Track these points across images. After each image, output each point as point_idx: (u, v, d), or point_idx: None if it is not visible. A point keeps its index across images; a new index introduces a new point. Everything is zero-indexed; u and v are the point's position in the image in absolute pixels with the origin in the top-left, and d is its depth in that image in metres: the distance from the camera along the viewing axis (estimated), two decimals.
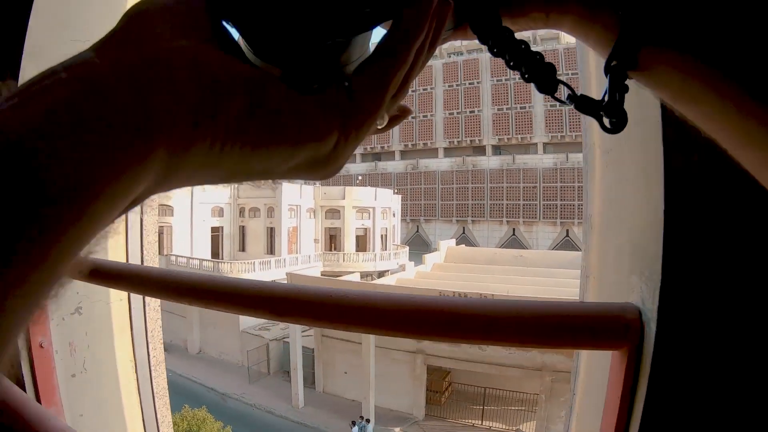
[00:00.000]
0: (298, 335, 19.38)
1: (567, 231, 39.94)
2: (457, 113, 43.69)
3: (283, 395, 19.35)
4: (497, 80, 41.30)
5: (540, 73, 0.33)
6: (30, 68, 0.96)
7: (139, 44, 0.24)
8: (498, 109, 42.12)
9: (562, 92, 0.34)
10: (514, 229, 42.13)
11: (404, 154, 47.61)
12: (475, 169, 43.22)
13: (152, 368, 1.64)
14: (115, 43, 0.24)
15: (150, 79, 0.23)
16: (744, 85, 0.28)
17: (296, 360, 19.15)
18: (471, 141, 43.40)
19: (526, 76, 0.33)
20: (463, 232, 43.03)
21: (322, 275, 18.98)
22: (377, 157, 49.67)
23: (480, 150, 43.48)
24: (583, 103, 0.33)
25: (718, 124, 0.30)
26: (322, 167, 0.29)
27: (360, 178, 47.36)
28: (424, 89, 44.30)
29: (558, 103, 0.35)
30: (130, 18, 0.25)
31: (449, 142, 44.46)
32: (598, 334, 0.53)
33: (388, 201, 33.10)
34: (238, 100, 0.25)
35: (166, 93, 0.23)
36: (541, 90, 0.34)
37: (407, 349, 17.20)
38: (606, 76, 0.32)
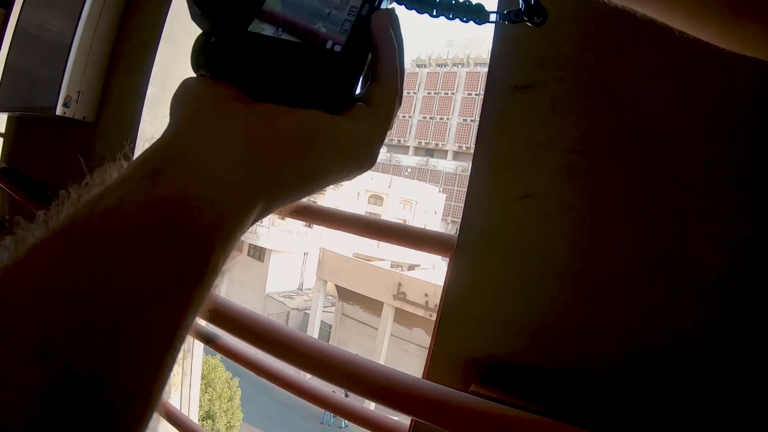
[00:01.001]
0: (320, 309, 19.88)
1: None
2: None
3: None
4: None
5: (470, 11, 0.39)
6: (165, 51, 1.35)
7: (218, 113, 0.28)
8: None
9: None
10: None
11: (457, 155, 47.32)
12: None
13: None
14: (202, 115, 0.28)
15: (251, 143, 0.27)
16: None
17: (313, 333, 19.50)
18: None
19: (465, 19, 0.40)
20: None
21: (354, 256, 19.43)
22: (430, 153, 49.72)
23: None
24: (512, 17, 0.41)
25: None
26: (369, 161, 0.34)
27: (409, 170, 47.59)
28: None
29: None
30: (188, 94, 0.30)
31: None
32: (440, 244, 0.96)
33: (432, 198, 33.35)
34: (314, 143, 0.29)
35: (273, 157, 0.27)
36: (479, 23, 0.40)
37: (420, 344, 17.45)
38: None
